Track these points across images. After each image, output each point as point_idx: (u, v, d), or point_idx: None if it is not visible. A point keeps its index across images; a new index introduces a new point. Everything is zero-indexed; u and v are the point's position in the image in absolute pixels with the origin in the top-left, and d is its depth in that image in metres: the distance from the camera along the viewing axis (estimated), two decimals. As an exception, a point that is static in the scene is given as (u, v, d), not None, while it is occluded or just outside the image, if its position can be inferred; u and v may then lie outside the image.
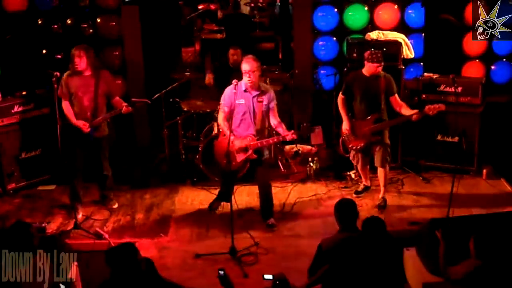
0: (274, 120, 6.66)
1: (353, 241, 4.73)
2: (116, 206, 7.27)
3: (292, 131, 6.50)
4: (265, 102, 6.58)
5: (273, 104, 6.66)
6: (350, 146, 7.11)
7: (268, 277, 4.65)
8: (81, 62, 6.67)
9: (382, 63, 6.87)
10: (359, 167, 7.35)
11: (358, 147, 7.05)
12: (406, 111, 6.88)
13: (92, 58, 6.76)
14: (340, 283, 4.69)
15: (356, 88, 6.99)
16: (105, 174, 7.18)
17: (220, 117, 6.75)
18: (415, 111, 6.78)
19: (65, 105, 6.80)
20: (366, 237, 4.72)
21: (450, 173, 7.04)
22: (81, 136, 6.77)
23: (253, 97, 6.59)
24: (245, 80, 6.57)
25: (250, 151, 6.56)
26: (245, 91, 6.60)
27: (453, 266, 4.72)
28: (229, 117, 6.53)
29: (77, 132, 6.76)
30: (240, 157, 6.61)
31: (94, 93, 6.73)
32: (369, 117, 6.94)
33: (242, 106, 6.59)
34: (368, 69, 6.92)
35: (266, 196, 6.89)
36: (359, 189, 7.48)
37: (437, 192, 7.33)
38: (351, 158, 7.27)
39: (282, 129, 6.58)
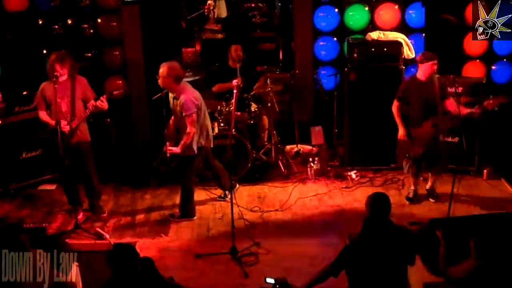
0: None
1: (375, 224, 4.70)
2: (105, 214, 7.17)
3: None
4: (178, 108, 6.70)
5: (184, 113, 6.63)
6: (411, 154, 7.05)
7: (270, 280, 4.64)
8: (64, 69, 6.53)
9: (436, 60, 6.82)
10: (411, 173, 7.24)
11: (418, 154, 7.02)
12: (464, 110, 6.80)
13: (71, 64, 6.62)
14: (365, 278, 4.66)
15: (413, 94, 6.89)
16: (91, 182, 7.03)
17: None
18: (475, 109, 6.69)
19: (42, 114, 6.71)
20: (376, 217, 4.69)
21: (451, 173, 7.03)
22: (64, 143, 6.55)
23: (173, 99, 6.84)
24: None
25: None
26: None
27: (453, 266, 4.71)
28: None
29: (60, 140, 6.50)
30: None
31: (71, 97, 6.62)
32: (427, 122, 6.88)
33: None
34: (424, 70, 6.83)
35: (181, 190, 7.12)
36: (410, 196, 7.31)
37: (438, 192, 7.32)
38: (404, 165, 7.23)
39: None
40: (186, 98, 6.59)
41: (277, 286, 4.60)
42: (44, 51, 8.69)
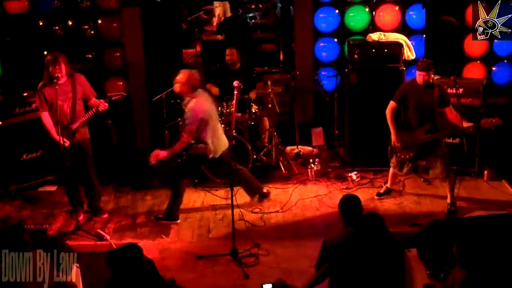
0: None
1: (355, 236, 4.71)
2: (106, 215, 7.15)
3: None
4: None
5: (186, 120, 6.64)
6: (400, 156, 6.99)
7: (267, 286, 4.64)
8: (61, 70, 6.51)
9: (430, 72, 6.69)
10: (395, 171, 7.19)
11: (407, 157, 6.95)
12: (461, 122, 6.72)
13: (68, 64, 6.62)
14: (345, 278, 4.67)
15: (411, 97, 6.80)
16: (92, 182, 7.02)
17: None
18: (471, 124, 6.68)
19: (45, 117, 6.66)
20: (366, 232, 4.71)
21: (451, 174, 7.02)
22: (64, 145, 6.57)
23: None
24: None
25: None
26: None
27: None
28: None
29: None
30: None
31: (73, 99, 6.62)
32: (421, 127, 6.81)
33: None
34: (417, 76, 6.75)
35: None
36: (382, 191, 7.39)
37: (438, 194, 7.32)
38: (392, 161, 7.14)
39: None
40: (193, 108, 6.57)
41: None
42: (45, 53, 8.69)
